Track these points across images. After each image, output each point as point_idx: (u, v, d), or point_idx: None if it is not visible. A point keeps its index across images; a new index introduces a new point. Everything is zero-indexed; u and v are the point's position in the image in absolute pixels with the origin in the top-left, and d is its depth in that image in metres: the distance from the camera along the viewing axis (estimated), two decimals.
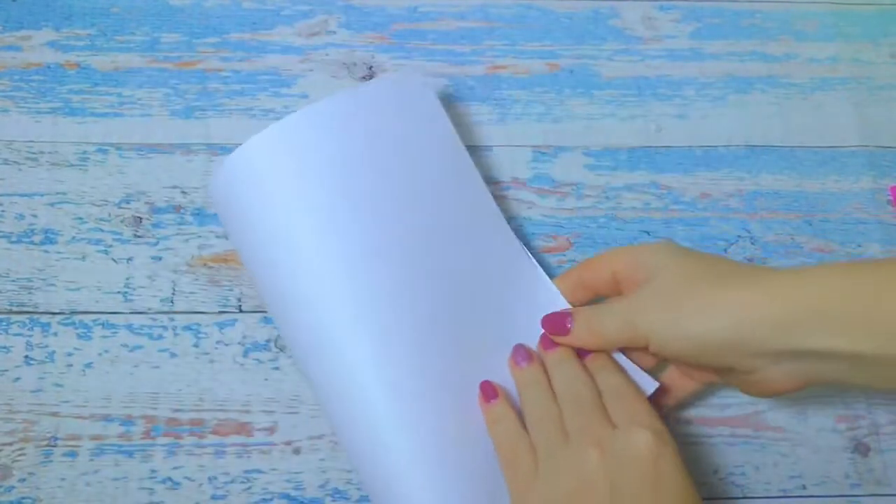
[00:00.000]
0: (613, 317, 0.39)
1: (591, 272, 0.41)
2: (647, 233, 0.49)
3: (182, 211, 0.47)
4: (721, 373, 0.39)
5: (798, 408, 0.46)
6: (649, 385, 0.41)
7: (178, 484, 0.42)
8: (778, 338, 0.34)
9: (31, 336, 0.44)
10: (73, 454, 0.42)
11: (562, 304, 0.42)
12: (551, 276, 0.43)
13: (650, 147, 0.51)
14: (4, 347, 0.44)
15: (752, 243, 0.49)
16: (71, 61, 0.50)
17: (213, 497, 0.42)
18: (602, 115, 0.51)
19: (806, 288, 0.33)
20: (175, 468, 0.43)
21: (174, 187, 0.48)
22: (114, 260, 0.46)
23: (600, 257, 0.41)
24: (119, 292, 0.45)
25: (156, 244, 0.46)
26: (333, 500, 0.43)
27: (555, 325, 0.40)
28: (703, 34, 0.54)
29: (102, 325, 0.45)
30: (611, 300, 0.41)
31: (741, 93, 0.52)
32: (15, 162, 0.48)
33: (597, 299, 0.42)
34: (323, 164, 0.39)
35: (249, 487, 0.43)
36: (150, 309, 0.45)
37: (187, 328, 0.45)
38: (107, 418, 0.43)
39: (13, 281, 0.45)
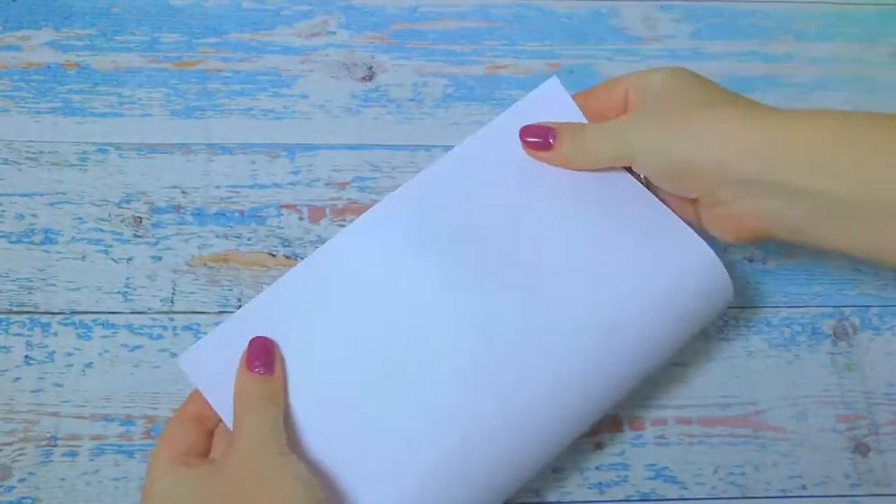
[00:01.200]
0: (604, 134, 0.39)
1: (599, 98, 0.41)
2: None
3: (182, 211, 0.47)
4: (691, 203, 0.39)
5: (798, 408, 0.46)
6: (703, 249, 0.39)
7: None
8: (758, 169, 0.34)
9: (31, 336, 0.44)
10: (73, 454, 0.42)
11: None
12: None
13: None
14: (4, 347, 0.44)
15: (752, 243, 0.49)
16: (71, 61, 0.50)
17: None
18: None
19: (796, 125, 0.34)
20: None
21: (174, 187, 0.48)
22: (114, 260, 0.46)
23: (611, 82, 0.40)
24: (119, 292, 0.45)
25: (156, 244, 0.46)
26: None
27: (537, 136, 0.40)
28: (703, 34, 0.54)
29: (102, 325, 0.45)
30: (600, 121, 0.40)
31: (741, 93, 0.52)
32: (15, 162, 0.48)
33: None
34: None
35: None
36: (150, 309, 0.45)
37: (187, 328, 0.45)
38: (107, 418, 0.43)
39: (13, 281, 0.45)
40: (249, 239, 0.47)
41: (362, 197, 0.48)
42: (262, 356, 0.37)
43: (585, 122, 0.41)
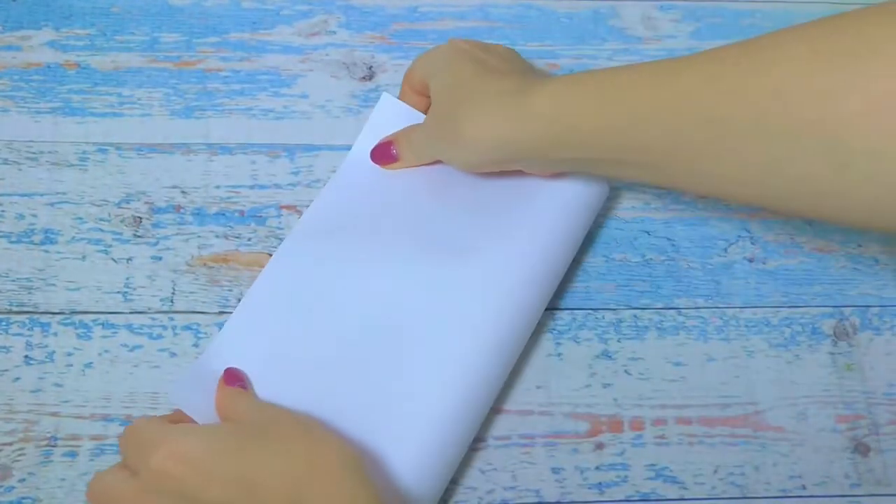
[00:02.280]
0: (421, 139, 0.45)
1: (413, 83, 0.47)
2: (648, 233, 0.49)
3: (182, 211, 0.47)
4: None
5: (798, 408, 0.46)
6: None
7: None
8: (511, 155, 0.41)
9: (31, 336, 0.44)
10: (73, 454, 0.42)
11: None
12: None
13: None
14: (4, 347, 0.44)
15: (752, 243, 0.49)
16: (71, 61, 0.50)
17: None
18: None
19: (537, 116, 0.39)
20: None
21: (174, 187, 0.48)
22: (114, 260, 0.46)
23: (412, 68, 0.47)
24: (119, 292, 0.45)
25: (156, 244, 0.46)
26: None
27: (383, 154, 0.47)
28: (703, 34, 0.54)
29: (102, 325, 0.45)
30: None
31: None
32: (15, 162, 0.48)
33: None
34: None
35: None
36: (149, 309, 0.45)
37: (187, 328, 0.45)
38: (107, 418, 0.43)
39: (13, 281, 0.45)
40: (249, 239, 0.47)
41: None
42: (237, 379, 0.41)
43: (422, 118, 0.46)
